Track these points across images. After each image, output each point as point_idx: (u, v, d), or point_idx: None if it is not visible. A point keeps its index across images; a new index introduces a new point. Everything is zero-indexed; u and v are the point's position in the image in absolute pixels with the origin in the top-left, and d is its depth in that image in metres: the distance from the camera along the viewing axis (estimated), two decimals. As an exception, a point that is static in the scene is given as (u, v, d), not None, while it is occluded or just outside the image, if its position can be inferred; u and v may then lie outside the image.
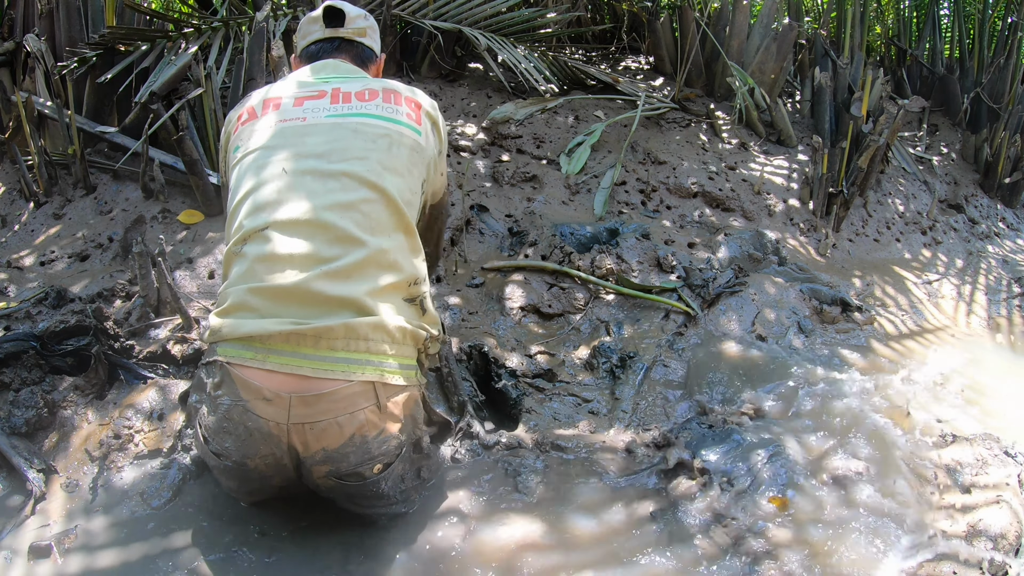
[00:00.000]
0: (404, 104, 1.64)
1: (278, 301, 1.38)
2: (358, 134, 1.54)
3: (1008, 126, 4.93)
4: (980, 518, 1.66)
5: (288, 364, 1.35)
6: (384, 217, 1.48)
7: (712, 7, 5.24)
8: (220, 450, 1.44)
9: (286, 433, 1.38)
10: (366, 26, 1.80)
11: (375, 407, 1.40)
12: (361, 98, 1.60)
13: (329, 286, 1.38)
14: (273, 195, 1.46)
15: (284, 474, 1.49)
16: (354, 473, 1.44)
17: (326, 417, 1.37)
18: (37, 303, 2.29)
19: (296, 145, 1.52)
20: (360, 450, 1.41)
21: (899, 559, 1.58)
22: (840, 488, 1.84)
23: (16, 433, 1.81)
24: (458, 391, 1.98)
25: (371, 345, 1.40)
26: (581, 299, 2.71)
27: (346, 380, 1.37)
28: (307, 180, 1.47)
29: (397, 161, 1.55)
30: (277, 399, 1.35)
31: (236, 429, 1.39)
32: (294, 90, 1.63)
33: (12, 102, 2.95)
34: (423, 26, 3.64)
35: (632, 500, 1.76)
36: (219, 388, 1.40)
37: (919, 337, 3.01)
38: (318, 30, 1.77)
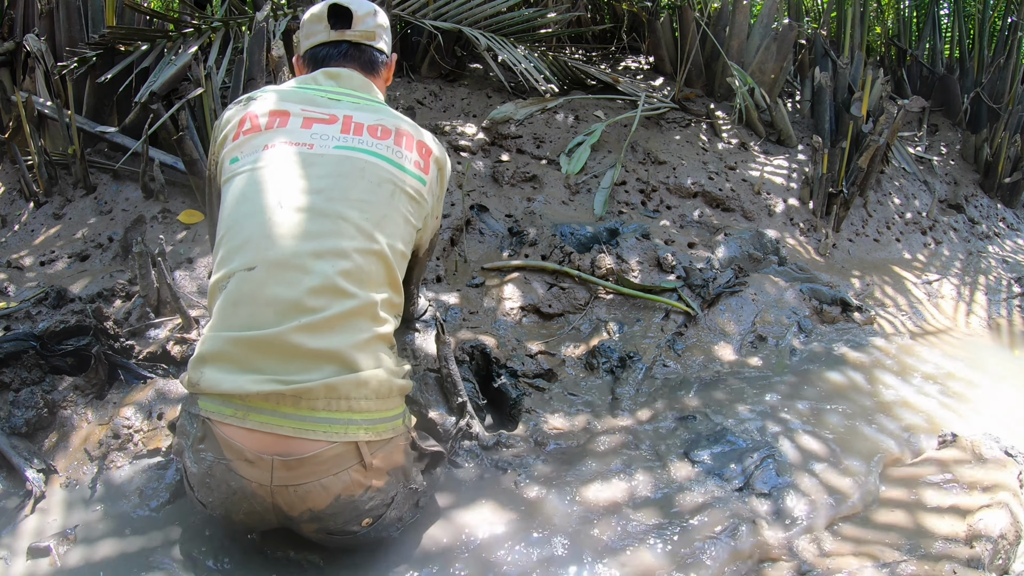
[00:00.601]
0: (414, 150, 1.57)
1: (257, 353, 1.32)
2: (363, 175, 1.47)
3: (1008, 126, 4.93)
4: (980, 518, 1.66)
5: (268, 423, 1.30)
6: (374, 270, 1.42)
7: (712, 7, 5.24)
8: (205, 502, 1.41)
9: (270, 494, 1.34)
10: (375, 26, 1.67)
11: (360, 466, 1.37)
12: (373, 134, 1.52)
13: (310, 339, 1.32)
14: (265, 229, 1.38)
15: (269, 525, 1.46)
16: (343, 531, 1.42)
17: (309, 480, 1.33)
18: (37, 303, 2.30)
19: (298, 176, 1.44)
20: (347, 509, 1.38)
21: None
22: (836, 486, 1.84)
23: (16, 433, 1.81)
24: (458, 391, 1.98)
25: (353, 404, 1.35)
26: (581, 299, 2.71)
27: (328, 441, 1.32)
28: (303, 218, 1.39)
29: (396, 212, 1.49)
30: (259, 461, 1.31)
31: (219, 486, 1.36)
32: (303, 105, 1.54)
33: (12, 102, 2.95)
34: (423, 26, 3.64)
35: (632, 497, 1.76)
36: (202, 442, 1.36)
37: (919, 337, 3.01)
38: (323, 31, 1.64)
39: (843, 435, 2.09)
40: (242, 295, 1.35)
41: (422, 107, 3.68)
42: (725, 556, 1.59)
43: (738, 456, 1.91)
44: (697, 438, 2.00)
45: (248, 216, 1.41)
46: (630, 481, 1.82)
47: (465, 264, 2.85)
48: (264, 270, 1.35)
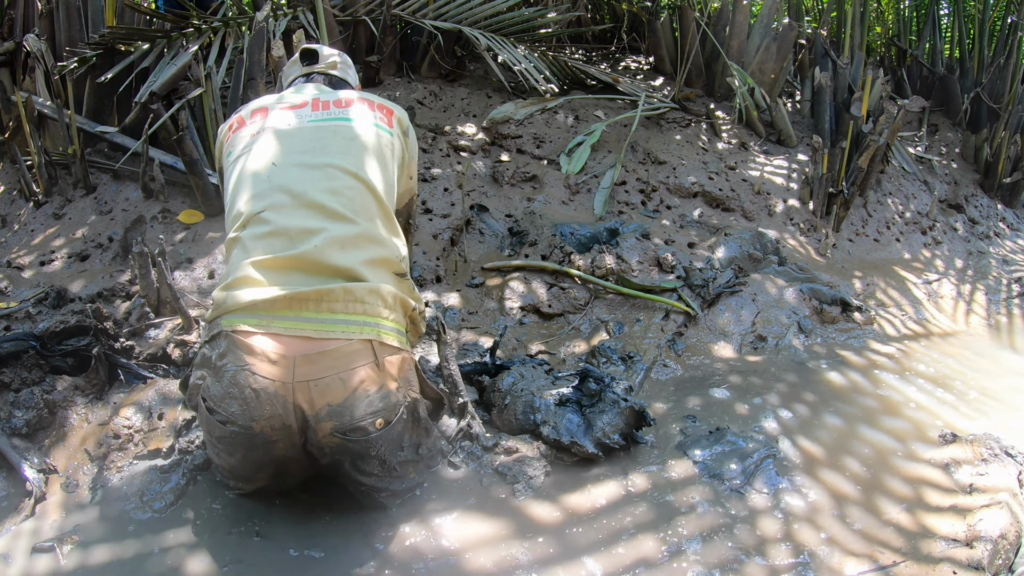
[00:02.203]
0: (377, 110, 1.83)
1: (279, 271, 1.50)
2: (337, 135, 1.70)
3: (1008, 126, 4.93)
4: (980, 518, 1.66)
5: (291, 328, 1.46)
6: (367, 202, 1.63)
7: (712, 7, 5.24)
8: (226, 416, 1.48)
9: (291, 392, 1.45)
10: (338, 61, 2.04)
11: (374, 364, 1.52)
12: (339, 105, 1.78)
13: (326, 255, 1.51)
14: (265, 185, 1.60)
15: (288, 438, 1.51)
16: (358, 428, 1.50)
17: (329, 374, 1.46)
18: (37, 303, 2.29)
19: (282, 144, 1.67)
20: (363, 403, 1.50)
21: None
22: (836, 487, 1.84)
23: (16, 433, 1.81)
24: (458, 391, 1.98)
25: (367, 308, 1.53)
26: (581, 299, 2.71)
27: (346, 339, 1.48)
28: (295, 171, 1.61)
29: (374, 156, 1.71)
30: (282, 360, 1.45)
31: (242, 393, 1.46)
32: (279, 101, 1.81)
33: (12, 102, 2.95)
34: (423, 26, 3.64)
35: (631, 495, 1.76)
36: (224, 357, 1.48)
37: (919, 337, 3.01)
38: (297, 69, 2.01)
39: (843, 435, 2.09)
40: (258, 234, 1.54)
41: (422, 107, 3.68)
42: (725, 555, 1.59)
43: (738, 456, 1.91)
44: (697, 438, 2.00)
45: (248, 181, 1.62)
46: (631, 481, 1.82)
47: (465, 264, 2.85)
48: (273, 212, 1.55)
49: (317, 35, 3.16)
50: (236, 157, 1.70)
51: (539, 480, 1.81)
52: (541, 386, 2.04)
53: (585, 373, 2.03)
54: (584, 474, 1.85)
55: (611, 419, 1.91)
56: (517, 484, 1.79)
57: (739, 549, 1.61)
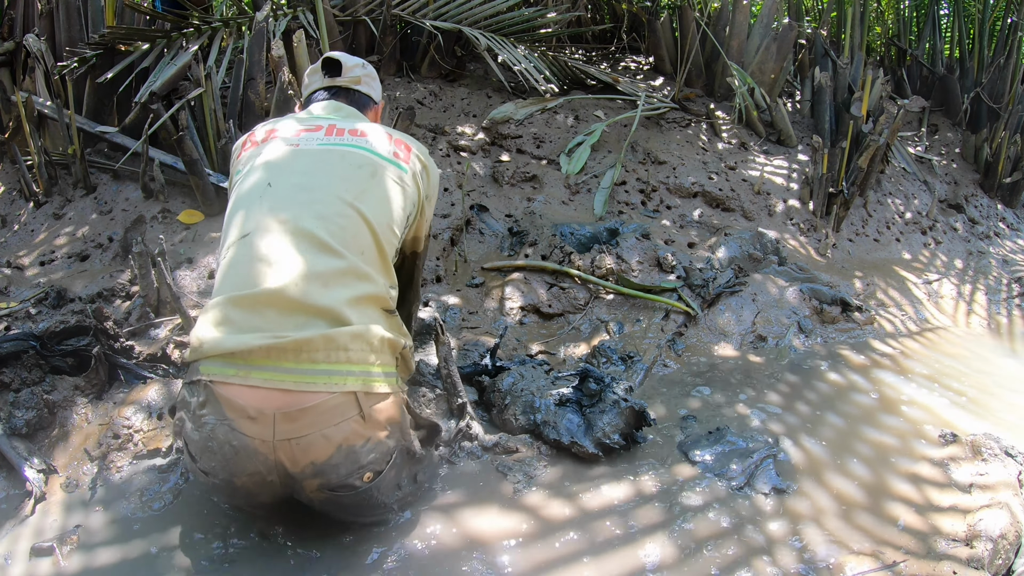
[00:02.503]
0: (393, 144, 1.71)
1: (255, 310, 1.39)
2: (343, 160, 1.61)
3: (1008, 126, 4.93)
4: (980, 518, 1.66)
5: (271, 379, 1.35)
6: (359, 233, 1.52)
7: (712, 7, 5.24)
8: (207, 468, 1.43)
9: (272, 450, 1.37)
10: (362, 75, 1.89)
11: (359, 417, 1.41)
12: (353, 134, 1.68)
13: (306, 293, 1.40)
14: (256, 206, 1.52)
15: (271, 491, 1.47)
16: (345, 484, 1.43)
17: (311, 431, 1.37)
18: (37, 303, 2.30)
19: (285, 165, 1.59)
20: (348, 460, 1.41)
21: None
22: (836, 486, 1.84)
23: (16, 434, 1.81)
24: (458, 392, 1.98)
25: (351, 355, 1.41)
26: (581, 299, 2.71)
27: (328, 392, 1.37)
28: (289, 193, 1.53)
29: (377, 189, 1.60)
30: (261, 417, 1.35)
31: (222, 448, 1.39)
32: (294, 123, 1.72)
33: (12, 102, 2.95)
34: (423, 26, 3.64)
35: (632, 495, 1.76)
36: (203, 407, 1.40)
37: (919, 337, 3.01)
38: (318, 80, 1.88)
39: (843, 435, 2.09)
40: (239, 258, 1.46)
41: (422, 107, 3.68)
42: (725, 555, 1.59)
43: (738, 456, 1.91)
44: (697, 438, 2.00)
45: (243, 200, 1.56)
46: (631, 481, 1.82)
47: (465, 264, 2.85)
48: (257, 235, 1.46)
49: (317, 35, 3.16)
50: (241, 177, 1.63)
51: (539, 480, 1.81)
52: (541, 386, 2.04)
53: (585, 373, 2.03)
54: (584, 474, 1.84)
55: (611, 419, 1.91)
56: (517, 484, 1.79)
57: (739, 548, 1.61)
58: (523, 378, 2.08)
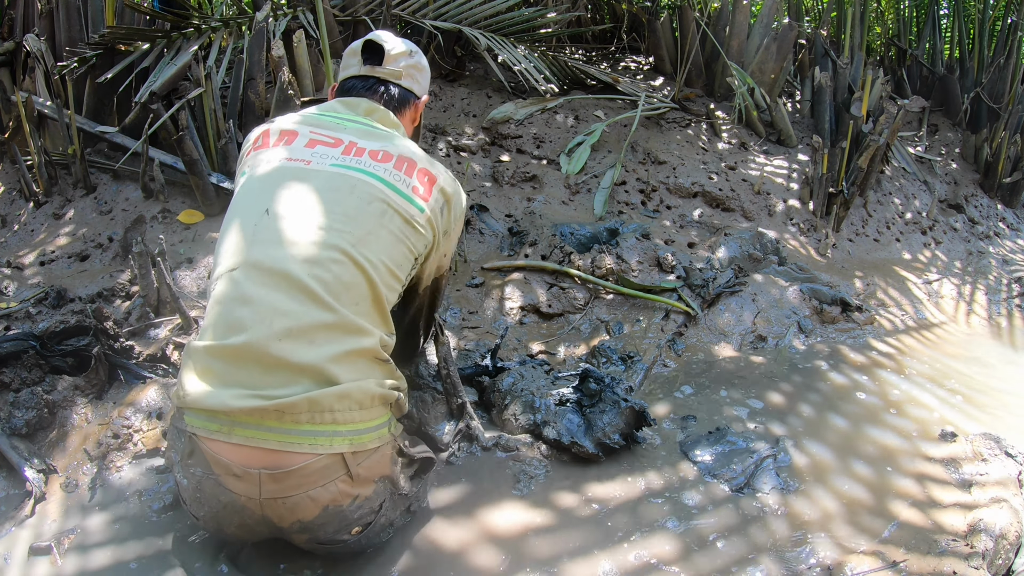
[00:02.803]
0: (415, 177, 1.54)
1: (237, 364, 1.32)
2: (353, 192, 1.46)
3: (1008, 126, 4.93)
4: (980, 518, 1.66)
5: (254, 437, 1.30)
6: (354, 283, 1.40)
7: (712, 7, 5.24)
8: (197, 515, 1.43)
9: (259, 507, 1.35)
10: (405, 66, 1.69)
11: (346, 477, 1.37)
12: (374, 157, 1.52)
13: (289, 350, 1.30)
14: (249, 234, 1.40)
15: (262, 536, 1.48)
16: (333, 540, 1.43)
17: (297, 492, 1.33)
18: (37, 303, 2.30)
19: (288, 188, 1.45)
20: (336, 519, 1.39)
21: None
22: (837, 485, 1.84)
23: (16, 434, 1.81)
24: (457, 392, 1.98)
25: (337, 416, 1.34)
26: (581, 299, 2.71)
27: (313, 454, 1.32)
28: (284, 226, 1.40)
29: (385, 230, 1.46)
30: (246, 475, 1.31)
31: (209, 500, 1.38)
32: (313, 128, 1.57)
33: (12, 102, 2.95)
34: (423, 26, 3.64)
35: (632, 495, 1.76)
36: (190, 457, 1.37)
37: (919, 337, 3.01)
38: (355, 65, 1.69)
39: (843, 434, 2.09)
40: (224, 296, 1.37)
41: (422, 107, 3.68)
42: (725, 554, 1.59)
43: (739, 456, 1.91)
44: (698, 438, 2.00)
45: (237, 222, 1.44)
46: (631, 481, 1.82)
47: (465, 264, 2.85)
48: (244, 271, 1.36)
49: (317, 35, 3.16)
50: (244, 182, 1.51)
51: (539, 480, 1.81)
52: (541, 386, 2.04)
53: (585, 373, 2.03)
54: (584, 474, 1.84)
55: (611, 419, 1.91)
56: (517, 483, 1.79)
57: (739, 548, 1.61)
58: (523, 378, 2.07)
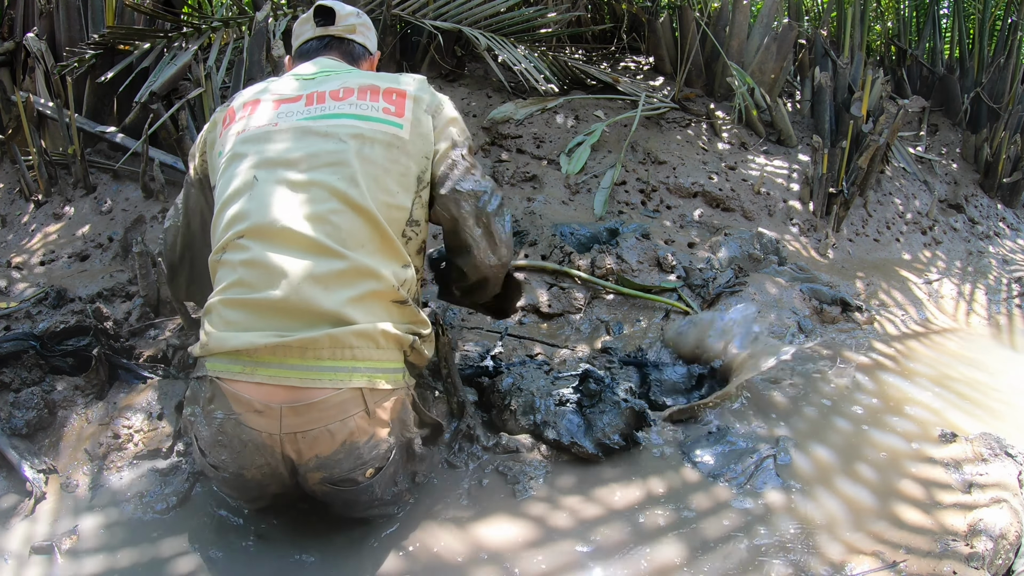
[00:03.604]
0: (382, 98, 1.56)
1: (258, 314, 1.38)
2: (328, 138, 1.49)
3: (1008, 126, 4.93)
4: (980, 518, 1.66)
5: (276, 376, 1.36)
6: (356, 228, 1.44)
7: (712, 7, 5.24)
8: (217, 463, 1.46)
9: (279, 443, 1.39)
10: (357, 23, 1.80)
11: (364, 413, 1.42)
12: (335, 97, 1.55)
13: (307, 298, 1.37)
14: (247, 204, 1.45)
15: (280, 481, 1.50)
16: (347, 479, 1.46)
17: (317, 426, 1.38)
18: (37, 303, 2.30)
19: (265, 152, 1.49)
20: (351, 456, 1.44)
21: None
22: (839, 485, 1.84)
23: (16, 434, 1.81)
24: (458, 392, 1.98)
25: (357, 352, 1.40)
26: (581, 299, 2.71)
27: (334, 388, 1.38)
28: (277, 190, 1.45)
29: (369, 164, 1.48)
30: (268, 411, 1.37)
31: (231, 442, 1.41)
32: (275, 92, 1.61)
33: (12, 102, 2.95)
34: (423, 26, 3.64)
35: (631, 495, 1.76)
36: (212, 402, 1.42)
37: (919, 336, 3.00)
38: (309, 29, 1.79)
39: (843, 434, 2.09)
40: (235, 261, 1.42)
41: (422, 107, 3.68)
42: (724, 555, 1.59)
43: (739, 456, 1.91)
44: (697, 438, 2.00)
45: (232, 195, 1.49)
46: (631, 482, 1.82)
47: (465, 264, 2.85)
48: (252, 239, 1.42)
49: (317, 35, 3.16)
50: (223, 160, 1.55)
51: (539, 480, 1.81)
52: (541, 386, 2.04)
53: (585, 374, 2.03)
54: (584, 474, 1.84)
55: (611, 420, 1.91)
56: (517, 484, 1.79)
57: (739, 548, 1.61)
58: (523, 378, 2.07)
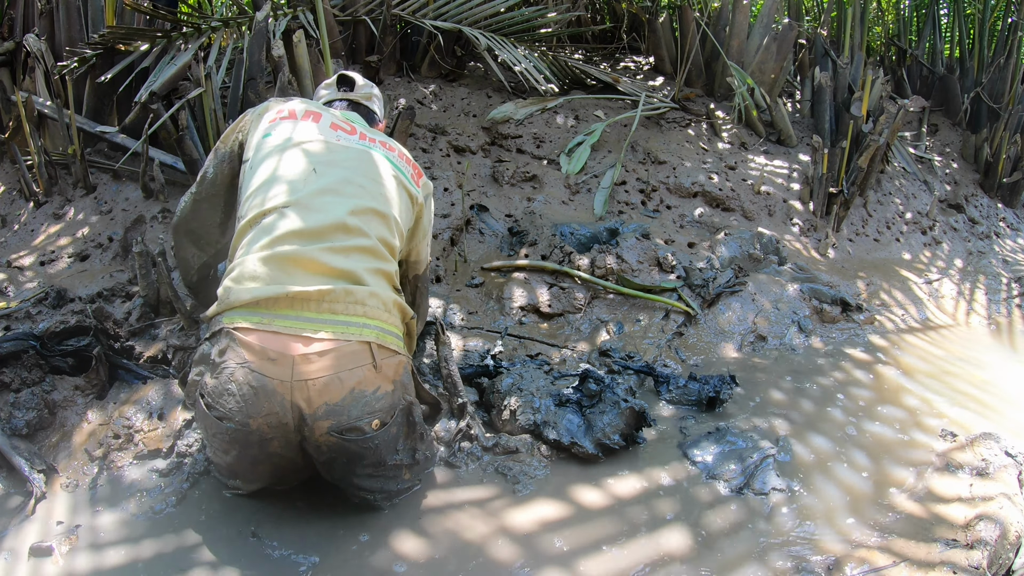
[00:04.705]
0: (410, 166, 1.92)
1: (283, 268, 1.53)
2: (378, 166, 1.79)
3: (1008, 126, 4.93)
4: (980, 518, 1.66)
5: (292, 327, 1.49)
6: (382, 229, 1.70)
7: (712, 7, 5.24)
8: (223, 413, 1.49)
9: (289, 390, 1.47)
10: (371, 93, 2.09)
11: (371, 366, 1.54)
12: (383, 146, 1.87)
13: (331, 258, 1.56)
14: (300, 184, 1.65)
15: (284, 436, 1.52)
16: (354, 427, 1.53)
17: (327, 373, 1.49)
18: (37, 303, 2.30)
19: (329, 154, 1.74)
20: (359, 403, 1.53)
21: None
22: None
23: (16, 434, 1.81)
24: (458, 392, 1.98)
25: (368, 310, 1.57)
26: (581, 299, 2.71)
27: (346, 340, 1.51)
28: (333, 182, 1.67)
29: (401, 200, 1.80)
30: (282, 359, 1.47)
31: (240, 390, 1.48)
32: (328, 116, 1.86)
33: (12, 102, 2.95)
34: (423, 26, 3.64)
35: (631, 495, 1.76)
36: (224, 354, 1.50)
37: (919, 336, 3.01)
38: (332, 93, 2.05)
39: (843, 435, 2.09)
40: (275, 225, 1.58)
41: (422, 107, 3.68)
42: (723, 555, 1.59)
43: (738, 456, 1.91)
44: (697, 438, 2.00)
45: (286, 173, 1.67)
46: (631, 482, 1.82)
47: (465, 264, 2.85)
48: (296, 209, 1.60)
49: (317, 35, 3.16)
50: (276, 143, 1.74)
51: (539, 480, 1.81)
52: (541, 386, 2.04)
53: (585, 374, 2.03)
54: (584, 474, 1.85)
55: (611, 420, 1.91)
56: (517, 484, 1.79)
57: (739, 549, 1.61)
58: (523, 378, 2.07)
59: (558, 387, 2.05)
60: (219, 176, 1.89)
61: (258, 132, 1.81)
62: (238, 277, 1.54)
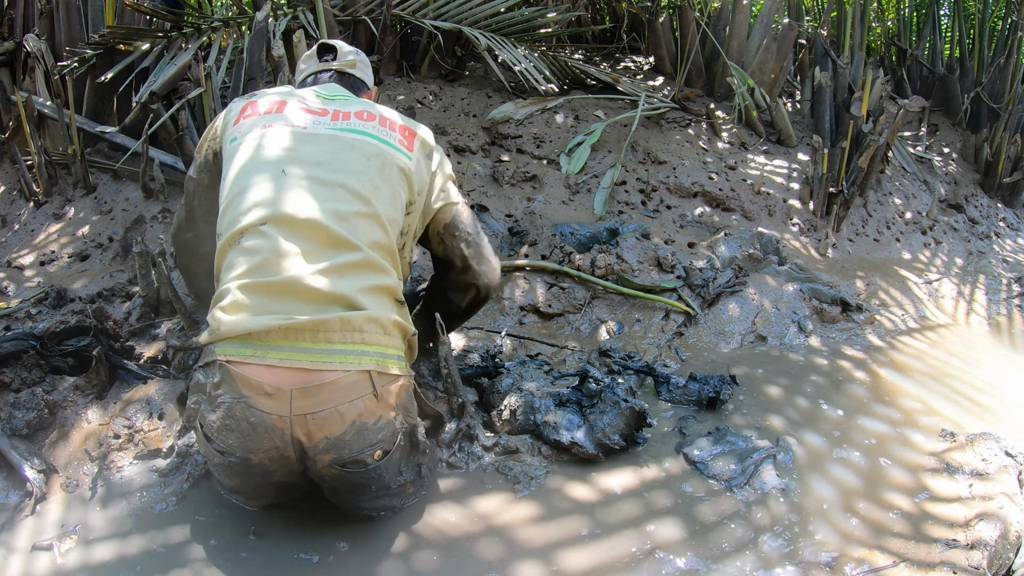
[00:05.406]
0: (397, 131, 1.74)
1: (272, 296, 1.43)
2: (354, 149, 1.62)
3: (1008, 126, 4.93)
4: (980, 518, 1.66)
5: (287, 359, 1.40)
6: (372, 231, 1.56)
7: (712, 7, 5.25)
8: (224, 447, 1.46)
9: (289, 425, 1.42)
10: (356, 59, 1.96)
11: (372, 395, 1.47)
12: (360, 117, 1.70)
13: (322, 282, 1.44)
14: (271, 193, 1.52)
15: (287, 467, 1.51)
16: (356, 460, 1.49)
17: (327, 407, 1.42)
18: (37, 303, 2.30)
19: (296, 150, 1.59)
20: (360, 437, 1.47)
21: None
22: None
23: (16, 434, 1.81)
24: (458, 392, 1.98)
25: (366, 336, 1.47)
26: (581, 299, 2.71)
27: (344, 370, 1.43)
28: (306, 184, 1.54)
29: (387, 182, 1.63)
30: (278, 393, 1.40)
31: (239, 425, 1.43)
32: (299, 102, 1.72)
33: (12, 102, 2.95)
34: (423, 26, 3.64)
35: (631, 496, 1.76)
36: (219, 388, 1.43)
37: (919, 336, 3.00)
38: (314, 64, 1.95)
39: (842, 435, 2.09)
40: (252, 247, 1.47)
41: (422, 107, 3.68)
42: (722, 555, 1.59)
43: (738, 456, 1.91)
44: (697, 438, 2.00)
45: (254, 184, 1.54)
46: (631, 482, 1.82)
47: (465, 264, 2.85)
48: (274, 227, 1.48)
49: (317, 35, 3.16)
50: (241, 148, 1.61)
51: (540, 480, 1.81)
52: (541, 387, 2.04)
53: (585, 373, 2.03)
54: (584, 475, 1.85)
55: (611, 420, 1.91)
56: (517, 484, 1.79)
57: (739, 549, 1.61)
58: (523, 379, 2.07)
59: (558, 387, 2.05)
60: (200, 187, 1.82)
61: (227, 137, 1.69)
62: (227, 307, 1.44)
